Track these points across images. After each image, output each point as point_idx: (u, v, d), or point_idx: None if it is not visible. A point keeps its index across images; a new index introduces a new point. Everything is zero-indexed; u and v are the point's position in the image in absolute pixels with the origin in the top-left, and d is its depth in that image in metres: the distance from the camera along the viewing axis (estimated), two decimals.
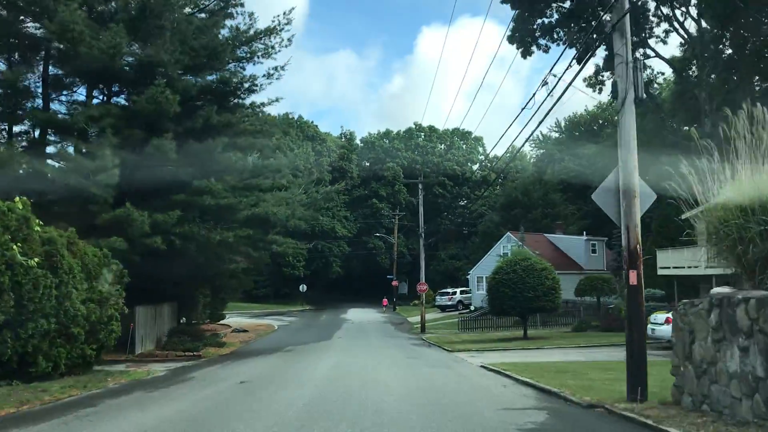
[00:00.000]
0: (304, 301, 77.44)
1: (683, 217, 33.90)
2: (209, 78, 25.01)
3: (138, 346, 25.13)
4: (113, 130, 21.64)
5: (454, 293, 56.02)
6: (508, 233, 52.08)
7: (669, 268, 32.88)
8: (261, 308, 67.82)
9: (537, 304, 29.55)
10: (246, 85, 26.78)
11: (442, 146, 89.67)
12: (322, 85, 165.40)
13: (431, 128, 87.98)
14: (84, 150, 22.24)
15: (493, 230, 62.46)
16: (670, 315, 23.99)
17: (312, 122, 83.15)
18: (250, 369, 19.93)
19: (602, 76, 48.57)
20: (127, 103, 24.71)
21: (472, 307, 52.25)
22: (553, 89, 17.94)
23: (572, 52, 44.69)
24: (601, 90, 48.74)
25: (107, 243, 20.63)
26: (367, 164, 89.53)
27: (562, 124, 74.51)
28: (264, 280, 73.37)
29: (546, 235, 54.04)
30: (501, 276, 30.10)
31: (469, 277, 58.37)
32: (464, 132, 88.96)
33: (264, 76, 26.89)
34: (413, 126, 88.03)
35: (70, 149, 23.76)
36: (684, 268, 31.46)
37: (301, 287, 71.56)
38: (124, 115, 23.05)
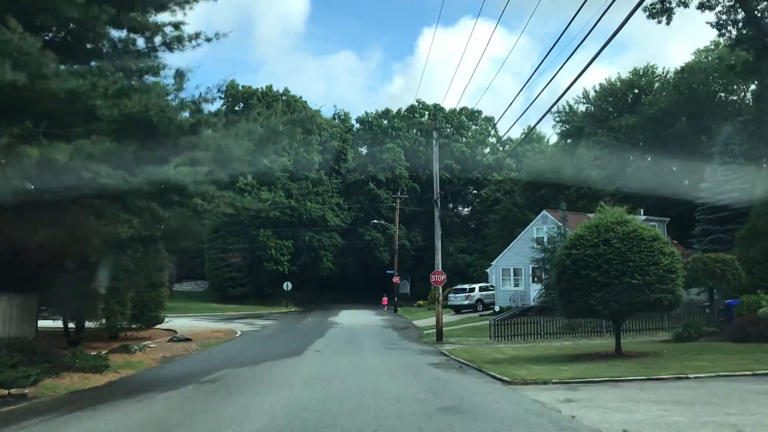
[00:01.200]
0: (290, 301, 64.44)
1: None
2: None
3: None
4: None
5: (472, 290, 43.05)
6: (544, 212, 39.19)
7: None
8: (237, 310, 54.90)
9: (648, 296, 16.56)
10: None
11: (450, 128, 76.88)
12: (322, 87, 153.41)
13: (436, 107, 75.20)
14: None
15: (516, 214, 49.59)
16: None
17: (300, 97, 70.42)
18: None
19: (669, 2, 35.69)
20: None
21: (497, 308, 39.35)
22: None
23: None
24: (669, 19, 35.87)
25: None
26: (364, 150, 76.86)
27: (591, 94, 61.79)
28: (242, 276, 60.40)
29: (591, 215, 41.17)
30: (582, 252, 17.10)
31: (489, 271, 45.48)
32: (473, 112, 76.28)
33: None
34: (416, 104, 75.25)
35: None
36: None
37: (285, 285, 58.60)
38: None
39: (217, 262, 59.84)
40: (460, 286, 43.97)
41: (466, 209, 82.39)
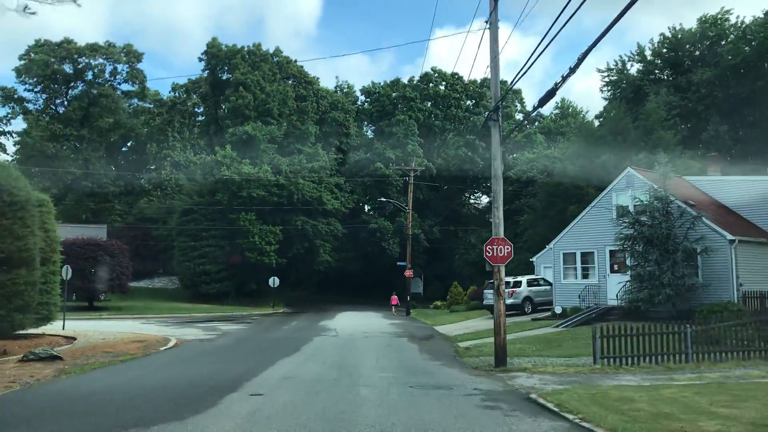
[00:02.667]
0: (280, 301, 51.90)
1: None
2: None
3: None
4: None
5: (518, 284, 29.91)
6: (630, 170, 26.23)
7: None
8: (209, 311, 42.38)
9: None
10: None
11: (470, 102, 64.35)
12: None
13: (455, 76, 62.60)
14: None
15: (568, 187, 36.84)
16: None
17: (296, 61, 57.94)
18: None
19: None
20: None
21: (557, 308, 26.51)
22: None
23: None
24: None
25: None
26: (370, 126, 64.44)
27: (647, 51, 48.98)
28: (218, 270, 47.70)
29: (689, 178, 28.42)
30: None
31: (536, 260, 32.57)
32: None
33: None
34: (431, 71, 62.59)
35: None
36: None
37: (271, 281, 46.02)
38: None
39: (187, 252, 47.25)
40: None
41: (485, 199, 69.70)
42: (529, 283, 29.76)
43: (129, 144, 65.21)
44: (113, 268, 40.07)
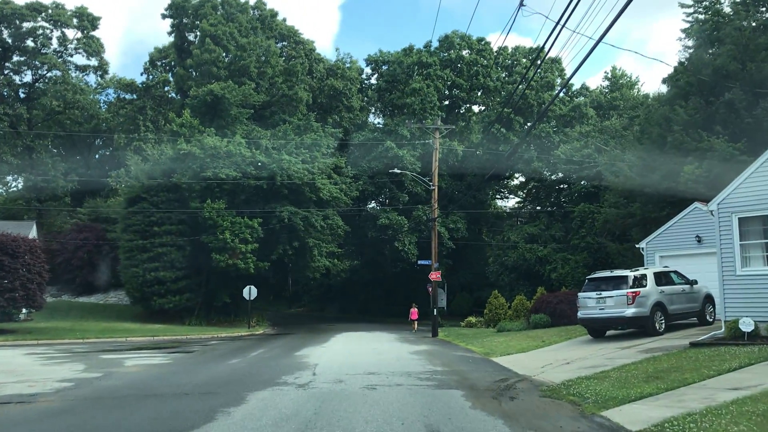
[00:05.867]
0: (266, 319, 39.16)
1: None
2: None
3: None
4: None
5: (640, 282, 15.71)
6: None
7: None
8: (155, 333, 29.69)
9: None
10: None
11: (504, 74, 51.85)
12: None
13: (481, 41, 50.14)
14: None
15: (680, 137, 23.82)
16: None
17: (285, 20, 45.71)
18: None
19: None
20: None
21: (746, 324, 13.36)
22: None
23: None
24: None
25: None
26: (379, 113, 52.13)
27: None
28: (176, 277, 34.83)
29: None
30: None
31: (643, 247, 19.56)
32: (532, 50, 51.14)
33: None
34: (451, 34, 50.01)
35: None
36: None
37: (246, 291, 33.30)
38: None
39: (134, 254, 34.51)
40: (605, 273, 17.46)
41: (512, 199, 56.61)
42: (658, 280, 16.53)
43: (89, 131, 53.05)
44: (14, 273, 27.52)
